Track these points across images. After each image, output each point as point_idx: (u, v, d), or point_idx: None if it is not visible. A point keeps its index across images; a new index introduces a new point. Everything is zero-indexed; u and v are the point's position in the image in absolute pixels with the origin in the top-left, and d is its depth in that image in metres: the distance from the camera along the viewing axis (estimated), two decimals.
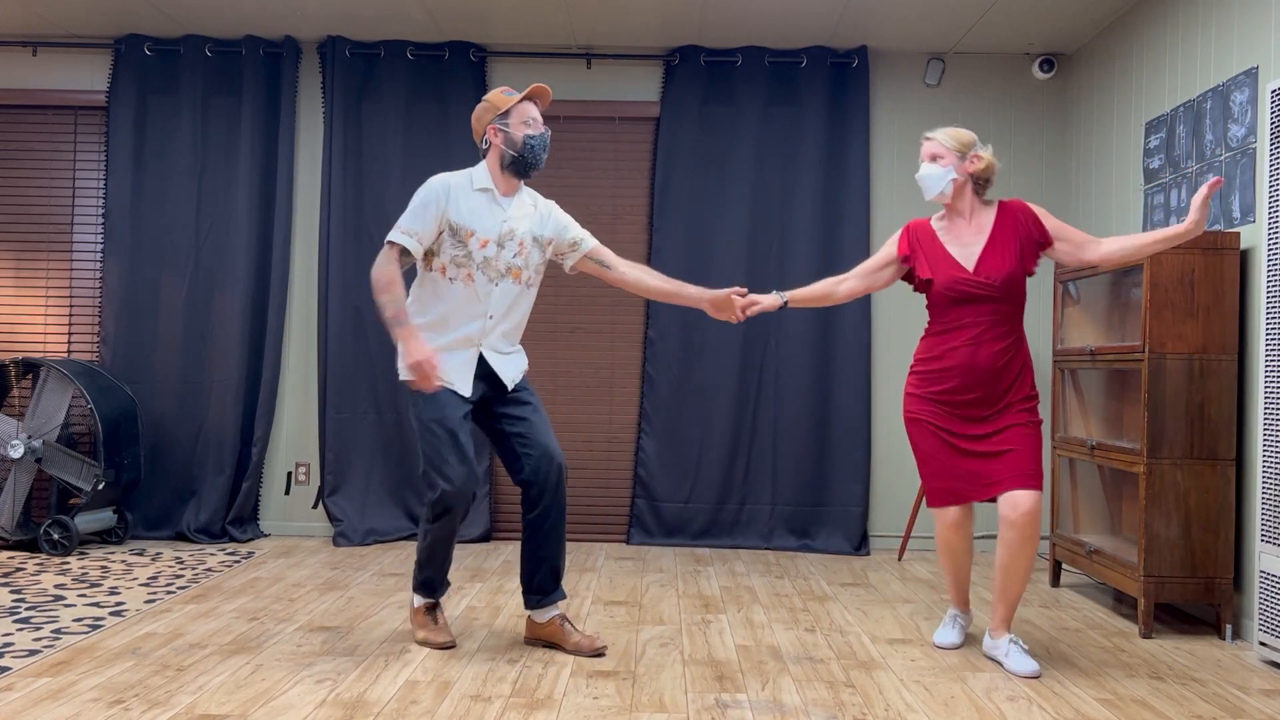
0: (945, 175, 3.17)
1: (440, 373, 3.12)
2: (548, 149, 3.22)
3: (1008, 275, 3.12)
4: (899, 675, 3.02)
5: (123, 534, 4.88)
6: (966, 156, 3.18)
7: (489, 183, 3.19)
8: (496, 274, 3.16)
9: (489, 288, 3.15)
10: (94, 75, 5.22)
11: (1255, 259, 3.52)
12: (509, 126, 3.17)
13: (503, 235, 3.16)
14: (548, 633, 3.25)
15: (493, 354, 3.20)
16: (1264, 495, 3.24)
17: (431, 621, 3.30)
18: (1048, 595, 4.14)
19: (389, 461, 5.09)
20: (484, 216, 3.16)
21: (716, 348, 5.07)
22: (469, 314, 3.15)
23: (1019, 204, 3.21)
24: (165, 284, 5.12)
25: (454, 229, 3.13)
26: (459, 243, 3.12)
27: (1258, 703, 2.84)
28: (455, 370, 3.15)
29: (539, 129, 3.18)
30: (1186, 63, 4.01)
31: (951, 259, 3.18)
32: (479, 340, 3.17)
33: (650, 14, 4.71)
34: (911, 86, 5.19)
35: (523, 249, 3.20)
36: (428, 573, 3.29)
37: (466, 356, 3.16)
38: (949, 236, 3.22)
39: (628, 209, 5.22)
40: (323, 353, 5.04)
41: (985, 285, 3.12)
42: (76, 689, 2.77)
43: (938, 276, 3.18)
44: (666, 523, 5.06)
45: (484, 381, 3.22)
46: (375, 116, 5.13)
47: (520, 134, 3.16)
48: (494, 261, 3.15)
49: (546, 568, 3.22)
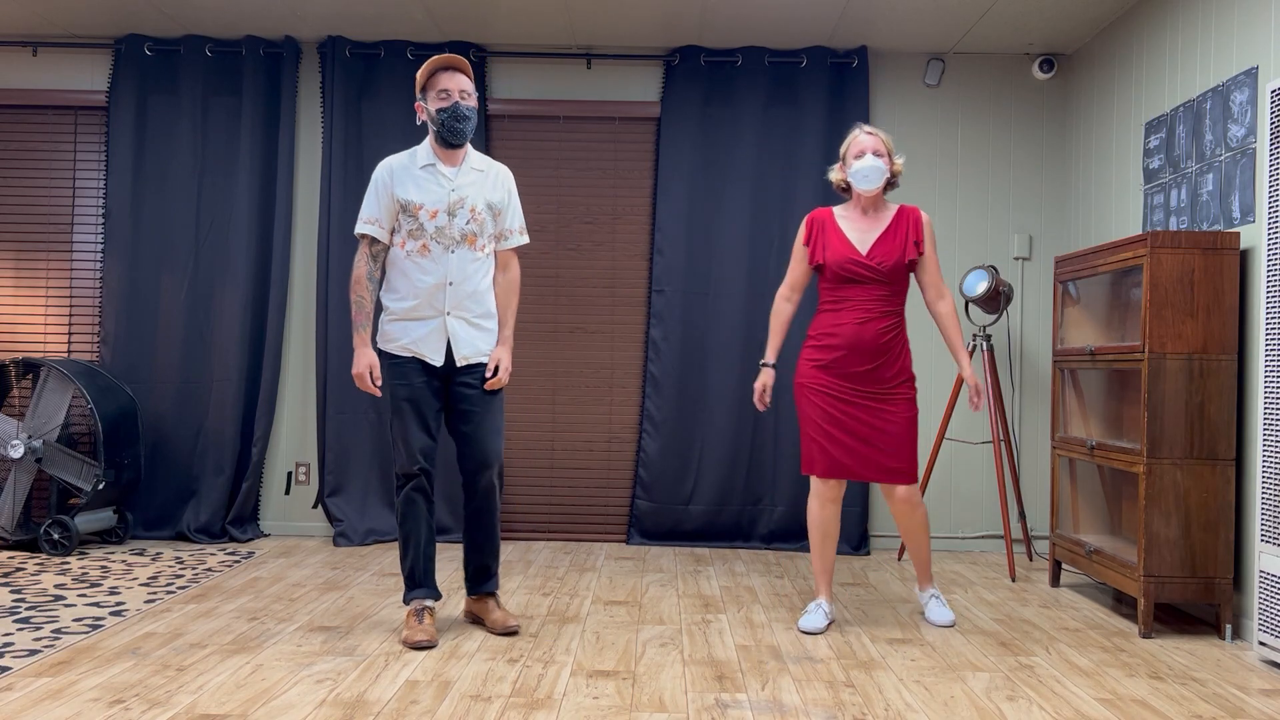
0: (884, 172, 3.51)
1: (408, 344, 3.32)
2: (463, 118, 3.30)
3: (895, 263, 3.50)
4: (899, 675, 3.03)
5: (123, 534, 4.88)
6: (893, 158, 3.55)
7: (431, 157, 3.37)
8: (451, 241, 3.33)
9: (446, 256, 3.33)
10: (94, 75, 5.22)
11: (1255, 259, 3.52)
12: (427, 101, 3.33)
13: (452, 204, 3.34)
14: (476, 609, 3.52)
15: (459, 323, 3.35)
16: (1264, 495, 3.24)
17: (416, 621, 3.31)
18: (1048, 595, 4.14)
19: (389, 461, 5.09)
20: (430, 189, 3.33)
21: (719, 348, 5.07)
22: (431, 282, 3.31)
23: (915, 210, 3.59)
24: (165, 284, 5.12)
25: (404, 205, 3.32)
26: (410, 216, 3.32)
27: (1258, 703, 2.84)
28: (425, 340, 3.33)
29: (451, 100, 3.28)
30: (1186, 63, 4.01)
31: (847, 242, 3.54)
32: (444, 309, 3.33)
33: (650, 14, 4.71)
34: (911, 86, 5.19)
35: (475, 215, 3.36)
36: (408, 562, 3.37)
37: (435, 325, 3.33)
38: (848, 224, 3.58)
39: (628, 209, 5.22)
40: (322, 352, 5.04)
41: (874, 269, 3.50)
42: (76, 689, 2.77)
43: (831, 257, 3.53)
44: (666, 523, 5.06)
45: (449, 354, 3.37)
46: (375, 116, 5.13)
47: (434, 107, 3.30)
48: (447, 230, 3.33)
49: (477, 562, 3.48)
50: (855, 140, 3.54)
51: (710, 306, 5.08)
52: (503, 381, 3.39)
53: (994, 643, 3.41)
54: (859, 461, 3.50)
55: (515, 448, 5.21)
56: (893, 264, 3.49)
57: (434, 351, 3.32)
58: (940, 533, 5.09)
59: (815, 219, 3.60)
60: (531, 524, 5.19)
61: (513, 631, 3.41)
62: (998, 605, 3.94)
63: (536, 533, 5.18)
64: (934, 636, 3.47)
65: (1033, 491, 5.09)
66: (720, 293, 5.08)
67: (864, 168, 3.48)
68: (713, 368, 5.07)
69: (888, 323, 3.50)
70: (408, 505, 3.35)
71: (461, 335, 3.35)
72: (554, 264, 5.22)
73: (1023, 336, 5.13)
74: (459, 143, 3.32)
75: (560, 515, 5.19)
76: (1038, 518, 5.09)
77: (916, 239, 3.53)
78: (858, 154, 3.51)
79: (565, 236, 5.23)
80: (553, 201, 5.24)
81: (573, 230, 5.23)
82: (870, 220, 3.56)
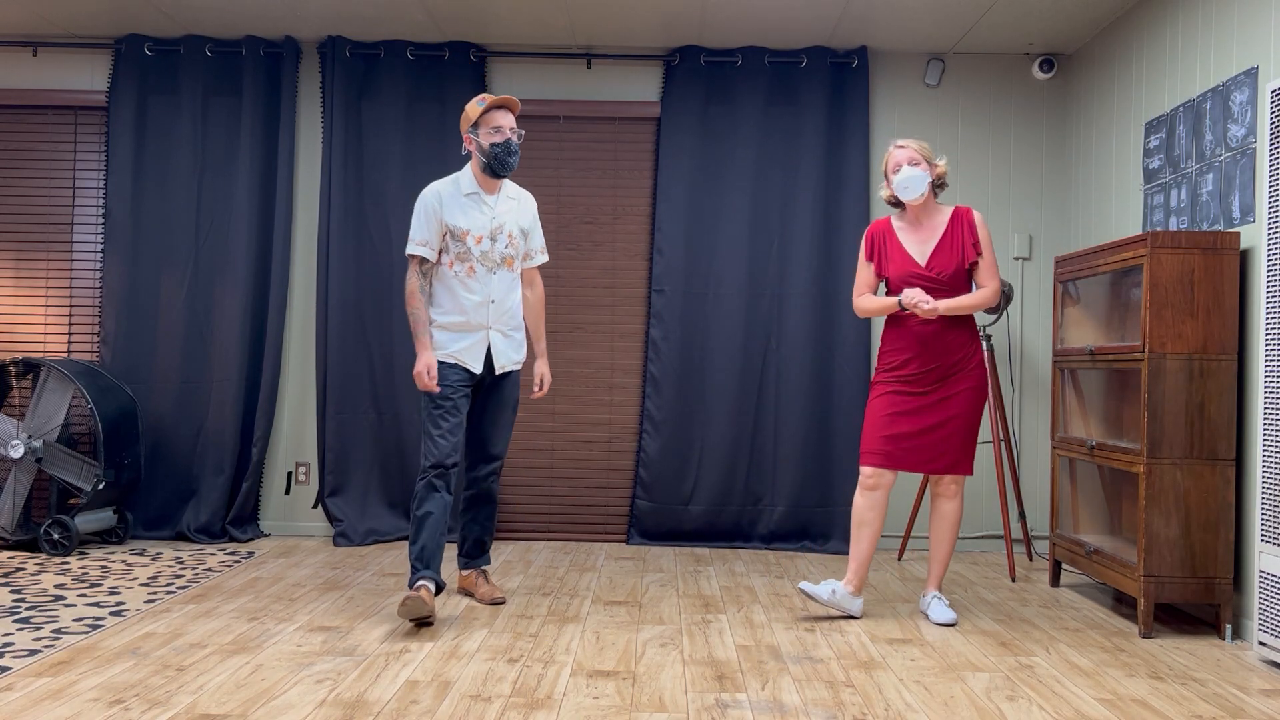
0: (925, 178, 3.58)
1: (455, 352, 3.62)
2: (514, 153, 3.63)
3: (955, 270, 3.60)
4: (899, 675, 3.03)
5: (123, 534, 4.88)
6: (932, 164, 3.62)
7: (475, 186, 3.67)
8: (493, 264, 3.65)
9: (489, 276, 3.65)
10: (94, 75, 5.22)
11: (1255, 259, 3.52)
12: (479, 135, 3.62)
13: (494, 230, 3.65)
14: (465, 583, 3.87)
15: (498, 336, 3.69)
16: (1264, 495, 3.24)
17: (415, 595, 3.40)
18: (1048, 595, 4.14)
19: (389, 461, 5.09)
20: (475, 216, 3.64)
21: (719, 349, 5.06)
22: (476, 299, 3.63)
23: (968, 211, 3.65)
24: (165, 284, 5.12)
25: (451, 231, 3.61)
26: (458, 241, 3.61)
27: (1257, 703, 2.84)
28: (469, 351, 3.63)
29: (504, 136, 3.60)
30: (1186, 63, 4.01)
31: (906, 255, 3.64)
32: (488, 323, 3.66)
33: (650, 14, 4.71)
34: (911, 86, 5.19)
35: (512, 240, 3.70)
36: (419, 545, 3.52)
37: (478, 338, 3.65)
38: (906, 234, 3.67)
39: (628, 209, 5.22)
40: (322, 353, 5.04)
41: (935, 279, 3.60)
42: (76, 689, 2.77)
43: (894, 271, 3.65)
44: (666, 523, 5.06)
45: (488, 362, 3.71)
46: (375, 116, 5.13)
47: (487, 142, 3.60)
48: (490, 254, 3.64)
49: (476, 535, 3.85)
50: (891, 156, 3.66)
51: (710, 306, 5.08)
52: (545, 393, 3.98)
53: (994, 643, 3.41)
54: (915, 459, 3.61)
55: (515, 448, 5.21)
56: (952, 271, 3.60)
57: (476, 361, 3.64)
58: None
59: (874, 232, 3.72)
60: (531, 524, 5.19)
61: (499, 602, 3.77)
62: (998, 605, 3.94)
63: (536, 533, 5.19)
64: (934, 636, 3.47)
65: (1033, 491, 5.09)
66: (720, 293, 5.08)
67: (903, 179, 3.57)
68: (713, 368, 5.07)
69: (952, 319, 3.59)
70: (430, 491, 3.54)
71: (500, 347, 3.70)
72: (554, 264, 5.22)
73: (1023, 336, 5.13)
74: (505, 175, 3.65)
75: (560, 515, 5.19)
76: (1038, 518, 5.09)
77: (974, 240, 3.61)
78: (895, 168, 3.63)
79: (565, 236, 5.23)
80: (553, 201, 5.24)
81: (573, 230, 5.23)
82: (925, 229, 3.65)
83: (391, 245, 5.09)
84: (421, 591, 3.42)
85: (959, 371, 3.60)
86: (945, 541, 3.72)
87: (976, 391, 3.62)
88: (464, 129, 3.66)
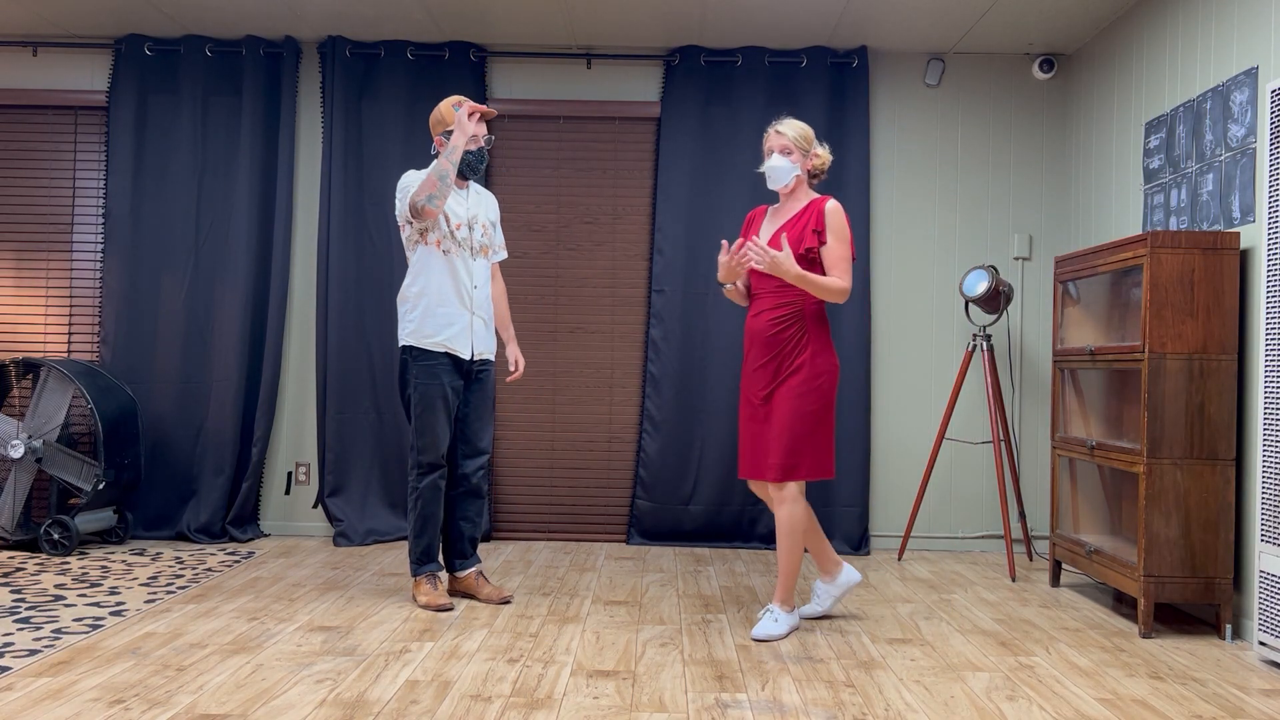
0: (792, 170, 3.50)
1: (443, 340, 3.68)
2: (485, 159, 3.77)
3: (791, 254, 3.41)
4: (899, 675, 3.03)
5: (123, 534, 4.88)
6: (809, 153, 3.53)
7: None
8: (473, 250, 3.76)
9: (470, 262, 3.75)
10: (94, 75, 5.22)
11: (1255, 259, 3.52)
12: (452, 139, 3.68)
13: (470, 219, 3.77)
14: (466, 585, 3.85)
15: (479, 323, 3.77)
16: (1264, 495, 3.24)
17: (431, 587, 3.70)
18: (1048, 595, 4.14)
19: (389, 461, 5.09)
20: (453, 204, 3.74)
21: (719, 348, 5.07)
22: (461, 282, 3.71)
23: (824, 200, 3.48)
24: (165, 284, 5.12)
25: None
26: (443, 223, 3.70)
27: (1258, 703, 2.84)
28: (457, 337, 3.70)
29: (477, 144, 3.73)
30: (1186, 63, 4.01)
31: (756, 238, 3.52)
32: (471, 307, 3.74)
33: (650, 14, 4.71)
34: (911, 86, 5.19)
35: (486, 230, 3.83)
36: (425, 539, 3.71)
37: (465, 323, 3.72)
38: (770, 220, 3.62)
39: (628, 209, 5.22)
40: (323, 353, 5.04)
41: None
42: (76, 689, 2.77)
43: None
44: (666, 523, 5.06)
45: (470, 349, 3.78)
46: (375, 116, 5.13)
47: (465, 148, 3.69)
48: (469, 240, 3.75)
49: (470, 534, 3.85)
50: (767, 139, 3.55)
51: (710, 306, 5.08)
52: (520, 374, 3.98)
53: (994, 643, 3.41)
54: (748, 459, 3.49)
55: (515, 448, 5.21)
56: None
57: (464, 346, 3.72)
58: (940, 533, 5.10)
59: (750, 217, 3.69)
60: (531, 524, 5.19)
61: (508, 601, 3.81)
62: (998, 605, 3.94)
63: (536, 533, 5.18)
64: (934, 636, 3.47)
65: (1033, 491, 5.09)
66: (720, 293, 5.07)
67: (769, 167, 3.51)
68: (713, 368, 5.07)
69: (781, 314, 3.44)
70: (432, 490, 3.69)
71: (480, 333, 3.78)
72: (554, 264, 5.22)
73: (1023, 336, 5.13)
74: (474, 179, 3.83)
75: (560, 515, 5.19)
76: (1038, 518, 5.09)
77: (817, 228, 3.44)
78: (766, 154, 3.56)
79: (565, 236, 5.23)
80: (553, 201, 5.24)
81: (573, 230, 5.23)
82: (783, 215, 3.56)
83: (391, 245, 5.09)
84: (439, 586, 3.69)
85: (789, 370, 3.41)
86: (780, 551, 3.43)
87: (799, 390, 3.38)
88: (435, 130, 3.74)
